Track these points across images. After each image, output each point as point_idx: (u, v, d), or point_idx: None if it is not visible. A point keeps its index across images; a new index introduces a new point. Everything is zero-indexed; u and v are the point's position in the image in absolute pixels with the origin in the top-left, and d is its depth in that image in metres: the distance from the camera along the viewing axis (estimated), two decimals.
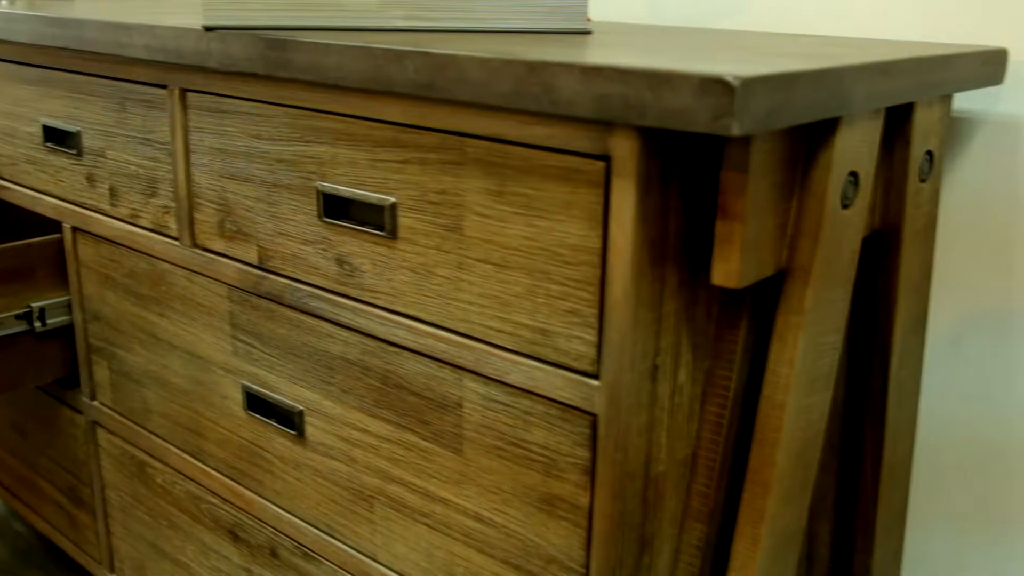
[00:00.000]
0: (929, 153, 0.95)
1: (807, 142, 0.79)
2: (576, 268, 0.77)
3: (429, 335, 0.89)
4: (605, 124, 0.72)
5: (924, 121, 0.92)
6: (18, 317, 1.32)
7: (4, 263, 1.29)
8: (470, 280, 0.84)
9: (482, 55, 0.75)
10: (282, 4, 0.98)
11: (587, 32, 1.01)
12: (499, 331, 0.83)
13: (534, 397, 0.83)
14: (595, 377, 0.78)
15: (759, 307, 0.85)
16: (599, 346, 0.77)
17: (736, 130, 0.64)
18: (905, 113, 0.90)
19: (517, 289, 0.81)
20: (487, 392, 0.86)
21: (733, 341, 0.84)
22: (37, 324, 1.33)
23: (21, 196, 1.39)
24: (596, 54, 0.75)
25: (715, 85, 0.64)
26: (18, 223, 1.85)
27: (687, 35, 1.02)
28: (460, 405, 0.88)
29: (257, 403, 1.10)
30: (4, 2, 1.52)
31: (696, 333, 0.82)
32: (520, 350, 0.82)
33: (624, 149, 0.72)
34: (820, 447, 0.89)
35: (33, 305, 1.32)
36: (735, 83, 0.63)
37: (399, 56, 0.81)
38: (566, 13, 1.01)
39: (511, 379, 0.83)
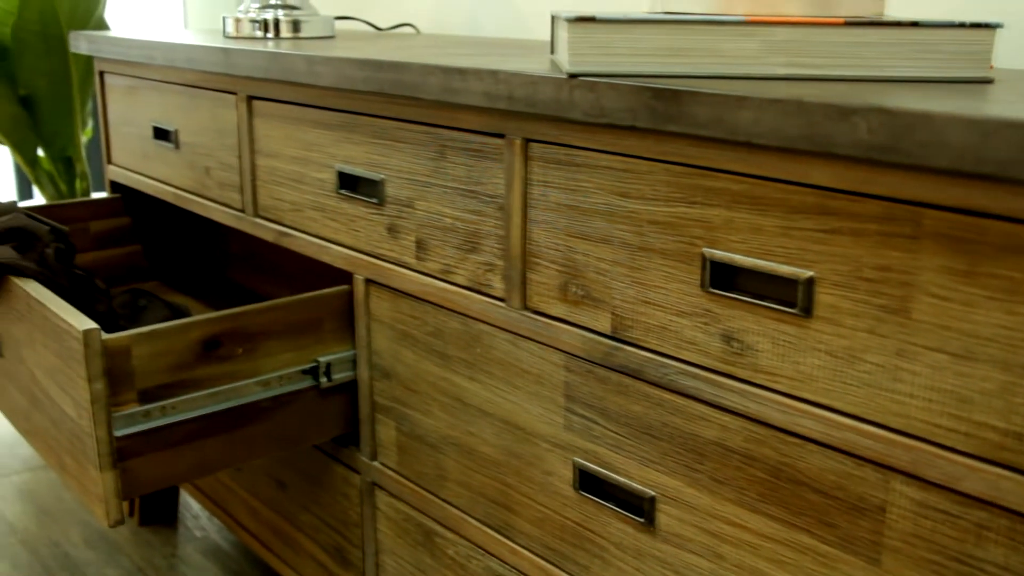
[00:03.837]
0: None
1: None
2: None
3: (848, 428, 0.77)
4: None
5: None
6: (304, 372, 1.26)
7: (295, 316, 1.24)
8: (913, 370, 0.73)
9: (967, 114, 0.64)
10: (652, 50, 0.89)
11: (989, 81, 0.89)
12: (951, 431, 0.72)
13: (995, 509, 0.71)
14: None
15: None
16: None
17: None
18: None
19: (985, 385, 0.69)
20: (924, 498, 0.74)
21: None
22: (323, 380, 1.27)
23: (306, 244, 1.33)
24: None
25: None
26: (275, 266, 1.82)
27: None
28: (883, 509, 0.77)
29: (592, 483, 1.00)
30: (263, 34, 1.48)
31: None
32: (981, 454, 0.71)
33: None
34: None
35: (320, 360, 1.26)
36: None
37: (844, 113, 0.71)
38: (969, 59, 0.89)
39: (964, 486, 0.72)
